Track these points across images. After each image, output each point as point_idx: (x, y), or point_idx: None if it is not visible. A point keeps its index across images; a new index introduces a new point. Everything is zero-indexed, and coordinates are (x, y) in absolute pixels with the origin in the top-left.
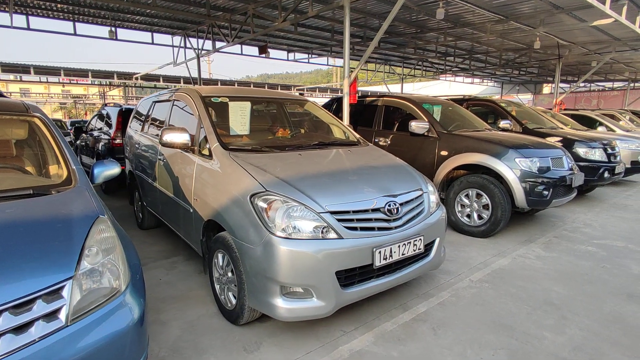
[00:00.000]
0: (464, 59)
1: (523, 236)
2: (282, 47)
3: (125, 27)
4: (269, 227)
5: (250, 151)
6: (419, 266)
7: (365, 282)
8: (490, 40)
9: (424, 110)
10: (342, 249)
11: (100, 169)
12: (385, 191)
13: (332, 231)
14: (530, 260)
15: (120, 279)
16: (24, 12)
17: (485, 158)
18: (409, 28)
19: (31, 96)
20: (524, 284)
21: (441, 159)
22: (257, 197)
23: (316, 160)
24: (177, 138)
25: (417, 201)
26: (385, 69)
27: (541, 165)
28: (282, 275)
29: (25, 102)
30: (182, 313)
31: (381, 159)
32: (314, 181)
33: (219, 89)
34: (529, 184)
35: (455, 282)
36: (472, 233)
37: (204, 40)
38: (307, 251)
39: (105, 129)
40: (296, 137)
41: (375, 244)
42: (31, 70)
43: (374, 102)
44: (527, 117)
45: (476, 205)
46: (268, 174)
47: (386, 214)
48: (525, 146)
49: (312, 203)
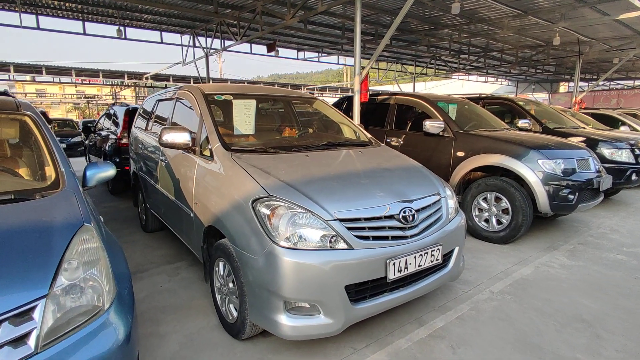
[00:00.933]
0: (478, 56)
1: (545, 242)
2: (291, 46)
3: (135, 26)
4: (272, 235)
5: (254, 152)
6: (437, 278)
7: (378, 296)
8: (507, 37)
9: (438, 108)
10: (353, 261)
11: (93, 171)
12: (399, 196)
13: (342, 241)
14: (554, 270)
15: (103, 296)
16: (33, 11)
17: (505, 159)
18: (422, 25)
19: (46, 96)
20: (549, 296)
21: (457, 160)
22: (260, 202)
23: (324, 162)
24: (177, 138)
25: (435, 207)
26: (397, 68)
27: (566, 167)
28: (285, 289)
29: (19, 100)
30: (181, 325)
31: (395, 160)
32: (321, 185)
33: (224, 87)
34: (553, 187)
35: (474, 293)
36: (490, 239)
37: (212, 39)
38: (313, 263)
39: (113, 129)
40: (304, 137)
41: (389, 254)
42: (43, 71)
43: (386, 100)
44: (546, 116)
45: (495, 209)
46: (272, 177)
47: (401, 222)
48: (548, 147)
49: (319, 209)
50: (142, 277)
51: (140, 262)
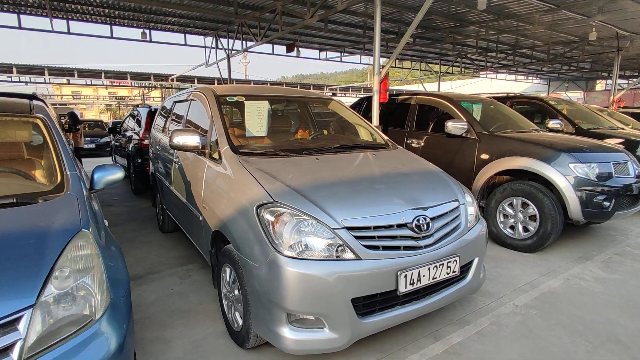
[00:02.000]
0: (507, 54)
1: (577, 252)
2: (314, 46)
3: (160, 29)
4: (275, 244)
5: (263, 155)
6: (454, 291)
7: (388, 310)
8: (538, 33)
9: (462, 109)
10: (360, 272)
11: (101, 174)
12: (413, 203)
13: (349, 250)
14: (587, 283)
15: (95, 305)
16: (64, 16)
17: (533, 162)
18: (446, 22)
19: (81, 98)
20: (580, 312)
21: (481, 163)
22: (264, 208)
23: (335, 166)
24: (187, 140)
25: (452, 214)
26: (422, 67)
27: (601, 171)
28: (288, 301)
29: (35, 102)
30: (188, 330)
31: (411, 164)
32: (330, 191)
33: (237, 88)
34: (586, 193)
35: (496, 306)
36: (516, 247)
37: (234, 40)
38: (317, 274)
39: (137, 130)
40: (317, 140)
41: (401, 266)
42: (75, 74)
43: (407, 100)
44: (580, 117)
45: (521, 215)
46: (278, 182)
47: (414, 231)
48: (581, 149)
49: (325, 217)
50: (155, 278)
51: (153, 263)
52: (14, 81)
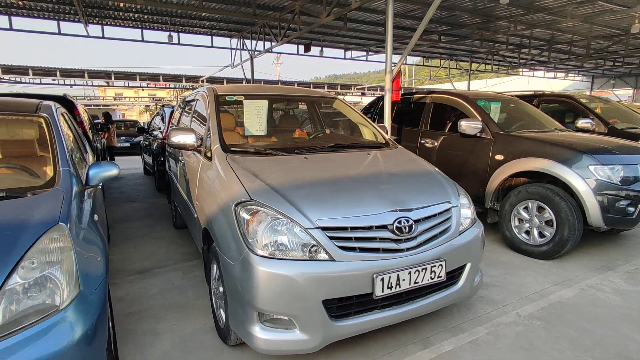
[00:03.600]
0: (541, 50)
1: (599, 261)
2: (339, 46)
3: (188, 31)
4: (249, 242)
5: (253, 154)
6: (441, 297)
7: (365, 314)
8: (576, 27)
9: (477, 107)
10: (332, 274)
11: (96, 171)
12: (397, 204)
13: (323, 251)
14: (604, 294)
15: (61, 295)
16: (98, 22)
17: (549, 164)
18: (472, 18)
19: (123, 99)
20: (590, 326)
21: (495, 164)
22: (241, 206)
23: (322, 166)
24: (184, 139)
25: (441, 217)
26: (451, 65)
27: (626, 174)
28: (259, 300)
29: (45, 102)
30: (180, 324)
31: (406, 164)
32: (309, 190)
33: (239, 87)
34: (608, 197)
35: (497, 315)
36: (530, 253)
37: (257, 42)
38: (287, 274)
39: (162, 129)
40: (314, 139)
41: (377, 269)
42: (112, 76)
43: (422, 99)
44: (616, 116)
45: (537, 220)
46: (258, 181)
47: (394, 233)
48: (605, 150)
49: (300, 216)
50: (159, 273)
51: (161, 258)
52: (59, 84)
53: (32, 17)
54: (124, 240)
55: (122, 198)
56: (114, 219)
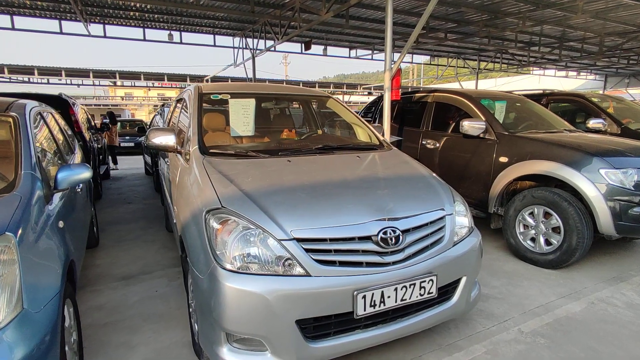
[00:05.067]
0: (552, 48)
1: (611, 271)
2: (343, 44)
3: (190, 30)
4: (217, 255)
5: (232, 156)
6: (433, 314)
7: (346, 334)
8: (588, 23)
9: (481, 107)
10: (307, 291)
11: (65, 174)
12: (383, 212)
13: (298, 265)
14: (615, 309)
15: None
16: (100, 21)
17: (556, 167)
18: (479, 14)
19: (133, 99)
20: (599, 345)
21: (499, 166)
22: (212, 214)
23: (306, 169)
24: (163, 140)
25: (434, 226)
26: (459, 64)
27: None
28: (225, 319)
29: (19, 101)
30: (157, 336)
31: (398, 168)
32: (286, 196)
33: (226, 86)
34: (620, 203)
35: (497, 331)
36: (536, 261)
37: (258, 40)
38: (256, 291)
39: None
40: (302, 140)
41: (359, 285)
42: (117, 75)
43: (424, 98)
44: (630, 115)
45: (543, 227)
46: (232, 186)
47: (379, 245)
48: (618, 153)
49: (273, 227)
50: (145, 279)
51: (149, 263)
52: (67, 84)
53: (34, 16)
54: (114, 243)
55: (120, 199)
56: (108, 221)
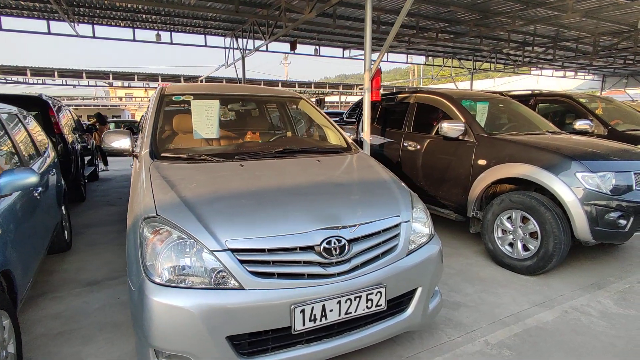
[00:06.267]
0: (546, 48)
1: (590, 277)
2: (336, 44)
3: (180, 30)
4: (146, 266)
5: (184, 160)
6: (383, 328)
7: (285, 350)
8: (581, 23)
9: (461, 108)
10: (239, 306)
11: (8, 179)
12: (328, 221)
13: (231, 278)
14: (589, 318)
15: None
16: (89, 21)
17: (532, 170)
18: (469, 14)
19: (133, 99)
20: (567, 358)
21: (478, 169)
22: (146, 222)
23: (257, 174)
24: (118, 143)
25: (386, 235)
26: (455, 64)
27: (618, 183)
28: (151, 334)
29: None
30: (109, 347)
31: (358, 172)
32: (227, 204)
33: (192, 87)
34: (597, 208)
35: (463, 342)
36: (514, 267)
37: (247, 40)
38: (182, 307)
39: None
40: (263, 143)
41: (297, 298)
42: (110, 76)
43: (406, 99)
44: (619, 117)
45: (521, 232)
46: (172, 192)
47: (322, 255)
48: (595, 156)
49: (206, 236)
50: (109, 285)
51: (117, 268)
52: (64, 84)
53: (21, 16)
54: (86, 247)
55: (103, 201)
56: (85, 224)
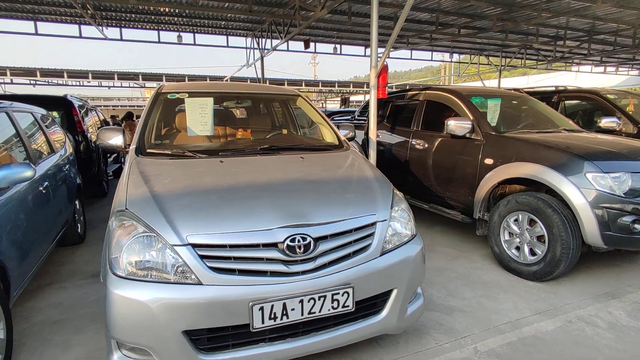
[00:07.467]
0: (580, 42)
1: (605, 286)
2: (357, 43)
3: (203, 32)
4: (112, 260)
5: (167, 156)
6: (354, 330)
7: (246, 347)
8: (619, 14)
9: (469, 105)
10: (195, 301)
11: (5, 173)
12: (293, 218)
13: (191, 273)
14: (594, 330)
15: None
16: (117, 25)
17: (539, 170)
18: (492, 8)
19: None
20: None
21: (485, 169)
22: (115, 216)
23: (234, 170)
24: (110, 139)
25: (358, 234)
26: (482, 60)
27: (634, 185)
28: (112, 326)
29: None
30: (97, 337)
31: (340, 169)
32: (193, 199)
33: (189, 85)
34: (608, 212)
35: (450, 348)
36: (520, 272)
37: (266, 40)
38: (139, 300)
39: None
40: (252, 140)
41: (256, 296)
42: (140, 77)
43: (416, 96)
44: None
45: (528, 235)
46: (144, 187)
47: (285, 253)
48: (611, 155)
49: (167, 231)
50: (94, 281)
51: None
52: (97, 86)
53: (55, 22)
54: (98, 240)
55: None
56: (102, 219)
